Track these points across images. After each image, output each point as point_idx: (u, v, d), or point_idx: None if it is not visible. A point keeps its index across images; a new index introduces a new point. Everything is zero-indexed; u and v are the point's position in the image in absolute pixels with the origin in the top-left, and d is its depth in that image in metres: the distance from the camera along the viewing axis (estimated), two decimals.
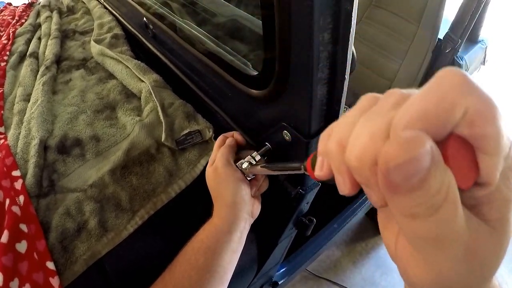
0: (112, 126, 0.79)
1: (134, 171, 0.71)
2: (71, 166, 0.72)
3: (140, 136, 0.75)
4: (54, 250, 0.60)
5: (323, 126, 0.52)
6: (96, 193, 0.67)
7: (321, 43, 0.37)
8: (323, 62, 0.40)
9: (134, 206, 0.67)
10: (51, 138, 0.75)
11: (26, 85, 0.87)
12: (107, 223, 0.64)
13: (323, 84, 0.43)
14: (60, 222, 0.63)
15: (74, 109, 0.83)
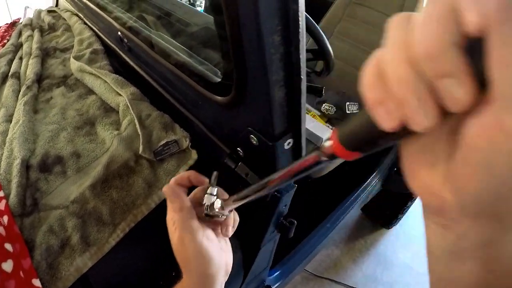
0: (92, 142, 0.83)
1: (114, 185, 0.74)
2: (53, 184, 0.75)
3: (118, 149, 0.78)
4: (39, 268, 0.64)
5: (287, 128, 0.54)
6: (78, 209, 0.70)
7: (272, 45, 0.39)
8: (277, 65, 0.42)
9: (115, 219, 0.70)
10: (33, 157, 0.79)
11: (8, 106, 0.91)
12: (89, 238, 0.67)
13: (280, 86, 0.45)
14: (44, 240, 0.66)
15: (55, 127, 0.86)
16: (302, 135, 0.56)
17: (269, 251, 0.87)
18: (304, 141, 0.59)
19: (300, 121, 0.53)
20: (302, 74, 0.45)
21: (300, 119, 0.53)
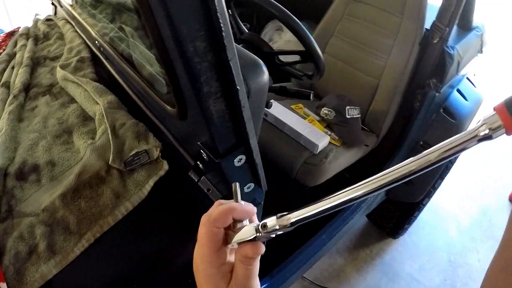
0: (67, 151, 0.91)
1: (83, 195, 0.82)
2: (27, 192, 0.85)
3: (91, 159, 0.86)
4: (7, 272, 0.72)
5: (235, 143, 0.55)
6: (47, 217, 0.79)
7: (195, 53, 0.38)
8: (207, 74, 0.41)
9: (82, 229, 0.77)
10: (11, 165, 0.89)
11: None
12: (55, 246, 0.75)
13: (216, 98, 0.45)
14: (13, 246, 0.75)
15: (36, 136, 0.96)
16: (254, 151, 0.57)
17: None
18: (258, 157, 0.62)
19: (247, 136, 0.54)
20: (238, 84, 0.44)
21: (246, 133, 0.53)
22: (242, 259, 0.42)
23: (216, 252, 0.43)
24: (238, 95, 0.45)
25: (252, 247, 0.41)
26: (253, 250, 0.41)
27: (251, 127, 0.53)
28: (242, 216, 0.44)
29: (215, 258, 0.43)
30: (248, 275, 0.43)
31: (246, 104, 0.48)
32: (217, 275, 0.43)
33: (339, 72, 1.54)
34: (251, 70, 0.75)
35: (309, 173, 1.32)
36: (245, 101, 0.47)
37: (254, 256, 0.42)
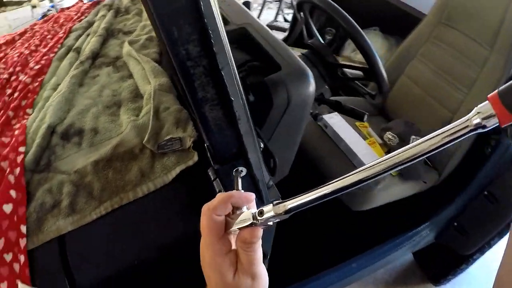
0: (112, 122, 1.03)
1: (114, 166, 0.93)
2: (67, 152, 0.98)
3: (129, 135, 0.97)
4: (29, 218, 0.85)
5: (235, 153, 0.57)
6: (77, 179, 0.90)
7: (187, 57, 0.41)
8: (201, 79, 0.44)
9: (103, 197, 0.88)
10: (60, 125, 1.03)
11: (59, 76, 1.19)
12: (76, 206, 0.87)
13: (213, 105, 0.48)
14: (41, 196, 0.88)
15: (89, 102, 1.10)
16: (253, 166, 0.58)
17: None
18: (260, 172, 0.63)
19: (244, 149, 0.55)
20: (232, 94, 0.46)
21: (243, 146, 0.55)
22: (241, 245, 0.47)
23: (220, 240, 0.48)
24: (233, 106, 0.47)
25: (249, 231, 0.46)
26: (251, 234, 0.46)
27: (250, 140, 0.55)
28: (240, 203, 0.49)
29: (219, 247, 0.47)
30: (251, 261, 0.47)
31: (244, 117, 0.49)
32: (223, 264, 0.47)
33: (414, 97, 1.52)
34: (295, 78, 0.80)
35: (356, 196, 1.34)
36: (242, 113, 0.49)
37: (252, 241, 0.46)
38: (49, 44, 1.38)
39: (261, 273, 0.48)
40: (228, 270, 0.47)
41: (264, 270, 0.49)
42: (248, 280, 0.47)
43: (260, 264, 0.48)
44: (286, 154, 0.94)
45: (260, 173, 0.61)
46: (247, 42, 0.93)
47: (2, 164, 0.92)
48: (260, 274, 0.48)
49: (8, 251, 0.81)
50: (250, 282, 0.47)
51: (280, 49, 0.85)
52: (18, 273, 0.80)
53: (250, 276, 0.47)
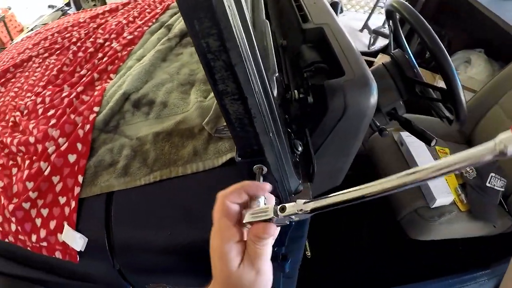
0: (182, 100, 1.24)
1: (172, 140, 1.12)
2: (135, 119, 1.20)
3: (193, 114, 1.16)
4: (88, 170, 1.08)
5: (256, 151, 0.63)
6: (136, 145, 1.12)
7: (207, 50, 0.47)
8: (221, 73, 0.51)
9: (154, 166, 1.07)
10: (135, 93, 1.26)
11: (146, 48, 1.44)
12: (129, 169, 1.07)
13: (234, 99, 0.55)
14: (102, 153, 1.11)
15: (166, 77, 1.32)
16: (272, 167, 0.66)
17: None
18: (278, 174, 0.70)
19: (261, 147, 0.62)
20: (246, 91, 0.52)
21: (260, 145, 0.62)
22: (253, 238, 0.53)
23: (231, 228, 0.54)
24: (247, 103, 0.54)
25: (264, 227, 0.53)
26: (265, 230, 0.52)
27: (267, 140, 0.61)
28: (255, 191, 0.56)
29: (229, 234, 0.54)
30: (259, 256, 0.53)
31: (259, 116, 0.56)
32: (230, 252, 0.53)
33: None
34: (356, 87, 0.90)
35: (415, 224, 1.42)
36: (257, 112, 0.56)
37: (265, 237, 0.53)
38: (146, 18, 1.66)
39: (265, 270, 0.54)
40: (234, 259, 0.53)
41: (270, 268, 0.55)
42: (252, 274, 0.53)
43: (267, 261, 0.55)
44: (339, 163, 1.04)
45: (279, 176, 0.69)
46: (321, 43, 1.06)
47: (77, 119, 1.17)
48: (265, 271, 0.54)
49: (63, 195, 1.05)
50: (254, 276, 0.53)
51: (350, 54, 0.96)
52: (67, 216, 1.02)
53: (255, 270, 0.53)
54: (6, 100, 1.47)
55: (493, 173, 1.43)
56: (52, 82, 1.43)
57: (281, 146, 0.69)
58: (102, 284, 1.15)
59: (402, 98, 1.13)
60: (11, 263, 1.16)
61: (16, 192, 1.10)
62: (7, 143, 1.21)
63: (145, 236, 1.01)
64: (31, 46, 1.81)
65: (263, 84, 0.61)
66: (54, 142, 1.12)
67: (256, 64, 0.57)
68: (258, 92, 0.56)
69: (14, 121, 1.31)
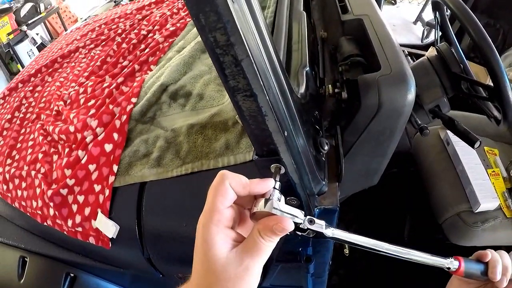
0: (218, 92, 1.26)
1: (205, 133, 1.15)
2: (171, 111, 1.24)
3: (228, 107, 1.18)
4: (123, 160, 1.13)
5: (273, 150, 0.62)
6: (171, 136, 1.15)
7: (216, 44, 0.47)
8: (231, 68, 0.50)
9: (187, 158, 1.11)
10: (173, 84, 1.30)
11: (187, 40, 1.48)
12: (162, 161, 1.11)
13: (246, 96, 0.54)
14: (137, 144, 1.15)
15: (205, 69, 1.35)
16: (288, 168, 0.64)
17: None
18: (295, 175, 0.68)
19: (276, 147, 0.61)
20: (255, 88, 0.51)
21: (274, 144, 0.60)
22: (262, 230, 0.51)
23: (223, 210, 0.51)
24: (258, 101, 0.53)
25: (283, 220, 0.51)
26: (284, 224, 0.51)
27: (281, 140, 0.60)
28: (260, 191, 0.55)
29: (219, 216, 0.51)
30: (258, 251, 0.51)
31: (271, 114, 0.55)
32: (218, 236, 0.50)
33: None
34: (392, 83, 0.89)
35: (457, 228, 1.41)
36: (268, 109, 0.55)
37: (279, 232, 0.51)
38: None
39: (256, 271, 0.51)
40: (221, 244, 0.50)
41: (259, 272, 0.52)
42: (239, 268, 0.50)
43: (262, 261, 0.52)
44: (373, 163, 1.03)
45: (297, 177, 0.68)
46: (360, 35, 1.05)
47: (115, 109, 1.23)
48: (255, 272, 0.51)
49: (98, 183, 1.11)
50: (241, 271, 0.50)
51: (389, 48, 0.94)
52: (101, 203, 1.08)
53: (244, 265, 0.50)
54: (52, 89, 1.56)
55: None
56: (95, 73, 1.50)
57: (300, 146, 0.68)
58: (133, 270, 1.21)
59: (446, 95, 1.10)
60: (49, 245, 1.24)
61: (56, 178, 1.17)
62: (50, 131, 1.29)
63: (175, 226, 1.04)
64: (79, 37, 1.91)
65: (279, 81, 0.61)
66: (92, 131, 1.18)
67: (270, 60, 0.57)
68: (269, 88, 0.56)
69: (57, 110, 1.39)
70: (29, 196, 1.22)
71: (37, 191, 1.18)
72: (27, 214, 1.24)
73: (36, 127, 1.38)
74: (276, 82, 0.59)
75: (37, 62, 1.88)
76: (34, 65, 1.83)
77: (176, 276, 1.19)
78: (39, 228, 1.23)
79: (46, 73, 1.72)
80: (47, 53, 1.97)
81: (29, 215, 1.24)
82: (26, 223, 1.30)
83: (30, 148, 1.34)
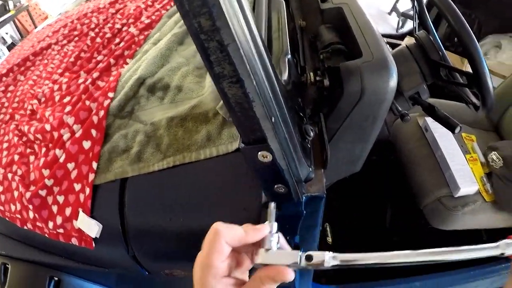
0: (197, 83, 1.24)
1: (185, 125, 1.13)
2: (150, 104, 1.22)
3: (208, 98, 1.16)
4: (102, 156, 1.10)
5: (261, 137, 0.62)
6: (150, 130, 1.13)
7: (200, 30, 0.46)
8: (216, 54, 0.49)
9: (168, 152, 1.09)
10: (150, 78, 1.28)
11: (163, 32, 1.45)
12: (143, 155, 1.09)
13: (232, 82, 0.53)
14: (116, 139, 1.13)
15: (182, 61, 1.33)
16: (275, 153, 0.64)
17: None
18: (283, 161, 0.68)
19: (263, 133, 0.60)
20: (242, 73, 0.50)
21: (261, 130, 0.60)
22: (264, 279, 0.54)
23: (220, 265, 0.55)
24: (244, 86, 0.52)
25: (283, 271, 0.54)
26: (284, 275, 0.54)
27: (268, 127, 0.60)
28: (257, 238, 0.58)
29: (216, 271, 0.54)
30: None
31: (258, 99, 0.55)
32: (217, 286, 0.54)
33: None
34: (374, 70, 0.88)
35: (438, 213, 1.45)
36: (255, 95, 0.54)
37: (281, 281, 0.54)
38: (164, 1, 1.67)
39: None
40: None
41: None
42: None
43: None
44: (356, 150, 1.02)
45: (285, 163, 0.68)
46: (340, 24, 1.04)
47: (91, 105, 1.20)
48: None
49: (78, 182, 1.08)
50: None
51: (370, 35, 0.93)
52: (82, 202, 1.05)
53: None
54: (25, 88, 1.51)
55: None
56: (70, 69, 1.46)
57: (287, 132, 0.68)
58: (118, 269, 1.19)
59: (426, 82, 1.10)
60: (30, 249, 1.21)
61: (33, 179, 1.14)
62: (25, 131, 1.26)
63: (159, 222, 1.03)
64: (51, 34, 1.86)
65: (264, 66, 0.60)
66: (69, 129, 1.15)
67: (255, 45, 0.56)
68: (256, 74, 0.55)
69: (32, 109, 1.35)
70: (7, 200, 1.18)
71: (15, 194, 1.15)
72: (6, 218, 1.21)
73: (11, 128, 1.34)
74: (262, 67, 0.57)
75: (8, 61, 1.83)
76: (5, 65, 1.78)
77: (163, 273, 1.17)
78: (19, 232, 1.20)
79: (18, 72, 1.68)
80: (18, 52, 1.92)
81: (8, 220, 1.20)
82: (5, 228, 1.26)
83: (5, 151, 1.30)
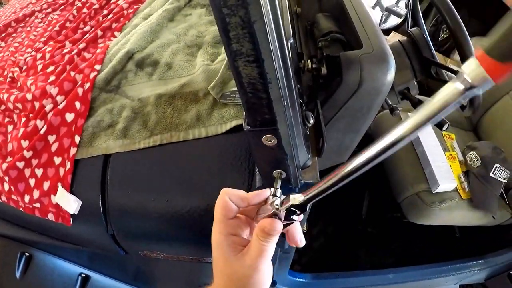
0: (187, 62, 1.21)
1: (174, 103, 1.09)
2: (137, 79, 1.18)
3: (198, 77, 1.13)
4: (85, 130, 1.06)
5: (268, 120, 0.60)
6: (138, 106, 1.09)
7: (224, 4, 0.44)
8: (237, 31, 0.47)
9: (155, 129, 1.05)
10: (139, 52, 1.23)
11: (153, 7, 1.40)
12: (129, 132, 1.05)
13: (248, 62, 0.51)
14: (101, 114, 1.09)
15: (173, 38, 1.29)
16: (283, 138, 0.63)
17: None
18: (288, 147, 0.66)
19: (274, 116, 0.59)
20: (264, 54, 0.49)
21: (273, 113, 0.58)
22: (259, 233, 0.57)
23: (227, 221, 0.61)
24: (264, 66, 0.50)
25: (270, 222, 0.58)
26: (271, 226, 0.57)
27: (281, 110, 0.58)
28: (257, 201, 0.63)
29: (224, 226, 0.60)
30: (261, 252, 0.57)
31: (275, 82, 0.53)
32: (225, 242, 0.59)
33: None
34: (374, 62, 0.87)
35: (415, 207, 1.49)
36: (274, 77, 0.53)
37: (271, 232, 0.57)
38: None
39: (264, 269, 0.58)
40: (229, 249, 0.59)
41: (270, 269, 0.59)
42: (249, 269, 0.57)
43: (267, 260, 0.58)
44: (346, 140, 1.01)
45: (290, 149, 0.67)
46: (338, 13, 1.02)
47: (77, 76, 1.15)
48: (263, 270, 0.58)
49: (58, 155, 1.04)
50: (249, 271, 0.57)
51: (369, 27, 0.92)
52: (62, 177, 1.01)
53: (252, 265, 0.57)
54: (6, 55, 1.45)
55: (498, 164, 1.48)
56: (54, 38, 1.40)
57: (294, 117, 0.66)
58: (93, 248, 1.16)
59: (416, 78, 1.10)
60: (2, 223, 1.17)
61: (11, 150, 1.09)
62: (4, 99, 1.20)
63: (142, 202, 1.00)
64: (35, 1, 1.78)
65: (282, 48, 0.57)
66: (51, 99, 1.10)
67: (276, 25, 0.53)
68: (276, 55, 0.52)
69: (12, 77, 1.29)
70: None
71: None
72: None
73: None
74: (280, 49, 0.55)
75: None
76: None
77: (141, 253, 1.14)
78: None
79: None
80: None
81: None
82: None
83: None
